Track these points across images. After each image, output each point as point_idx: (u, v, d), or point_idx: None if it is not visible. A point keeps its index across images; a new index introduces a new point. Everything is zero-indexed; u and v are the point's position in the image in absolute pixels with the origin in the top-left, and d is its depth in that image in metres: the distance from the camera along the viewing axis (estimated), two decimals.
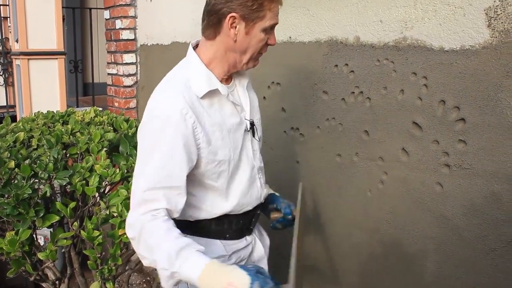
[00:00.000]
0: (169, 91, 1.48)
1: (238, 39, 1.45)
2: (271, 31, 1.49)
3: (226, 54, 1.49)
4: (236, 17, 1.41)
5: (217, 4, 1.44)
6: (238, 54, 1.49)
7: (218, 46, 1.49)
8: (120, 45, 3.83)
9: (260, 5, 1.41)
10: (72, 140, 2.28)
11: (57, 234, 2.11)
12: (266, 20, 1.44)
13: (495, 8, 1.59)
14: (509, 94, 1.58)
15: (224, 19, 1.43)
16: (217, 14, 1.44)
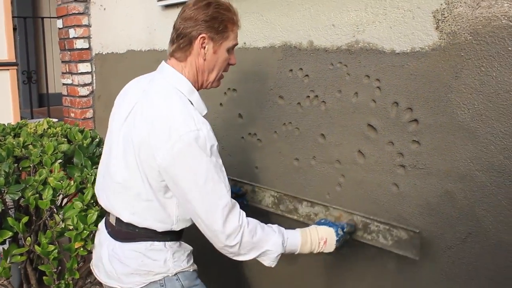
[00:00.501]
0: (185, 110, 1.57)
1: (207, 58, 1.64)
2: (232, 51, 1.71)
3: (197, 74, 1.68)
4: (206, 37, 1.61)
5: (186, 27, 1.61)
6: (207, 73, 1.68)
7: (190, 67, 1.66)
8: (75, 54, 3.76)
9: (225, 27, 1.62)
10: (24, 153, 2.23)
11: (11, 250, 2.05)
12: (230, 41, 1.66)
13: (442, 11, 1.63)
14: (459, 94, 1.62)
15: (195, 40, 1.61)
16: (188, 37, 1.62)
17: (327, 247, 1.74)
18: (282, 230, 1.69)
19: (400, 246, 1.76)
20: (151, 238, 1.67)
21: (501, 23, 1.50)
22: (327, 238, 1.73)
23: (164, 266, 1.66)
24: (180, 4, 2.75)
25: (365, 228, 1.85)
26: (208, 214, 1.53)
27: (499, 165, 1.55)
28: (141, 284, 1.66)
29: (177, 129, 1.50)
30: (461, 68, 1.60)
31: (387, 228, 1.79)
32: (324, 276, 2.18)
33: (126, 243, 1.68)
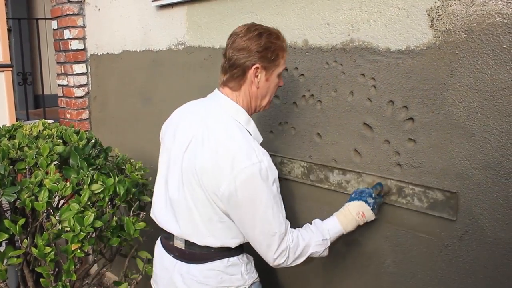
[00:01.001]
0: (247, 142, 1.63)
1: (260, 85, 1.71)
2: (281, 75, 1.78)
3: (250, 101, 1.75)
4: (259, 67, 1.67)
5: (240, 58, 1.66)
6: (260, 99, 1.76)
7: (244, 95, 1.73)
8: (70, 55, 3.74)
9: (276, 55, 1.69)
10: (19, 155, 2.22)
11: (7, 252, 2.04)
12: (280, 67, 1.74)
13: (437, 9, 1.63)
14: (454, 92, 1.62)
15: (249, 70, 1.67)
16: (242, 67, 1.67)
17: (367, 217, 1.79)
18: (320, 226, 1.76)
19: (436, 208, 1.72)
20: (225, 255, 1.75)
21: (496, 21, 1.50)
22: (362, 211, 1.77)
23: (241, 279, 1.77)
24: (174, 5, 2.75)
25: (400, 192, 1.82)
26: (265, 240, 1.63)
27: (495, 163, 1.55)
28: None
29: (240, 161, 1.57)
30: (456, 66, 1.60)
31: (422, 190, 1.75)
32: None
33: (203, 264, 1.75)
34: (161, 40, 2.93)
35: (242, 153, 1.58)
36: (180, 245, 1.78)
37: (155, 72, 3.02)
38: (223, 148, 1.60)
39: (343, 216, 1.78)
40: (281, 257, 1.65)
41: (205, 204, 1.67)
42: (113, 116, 3.54)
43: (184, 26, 2.73)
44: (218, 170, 1.59)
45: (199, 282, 1.75)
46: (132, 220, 2.12)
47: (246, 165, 1.56)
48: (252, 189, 1.58)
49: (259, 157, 1.59)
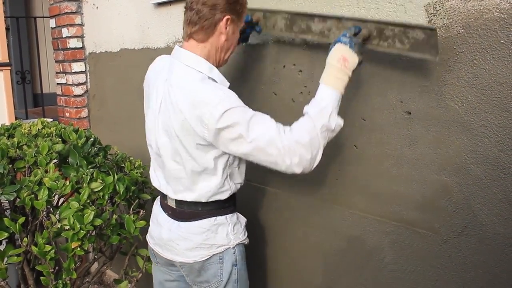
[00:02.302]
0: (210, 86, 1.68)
1: (228, 37, 1.76)
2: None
3: (215, 53, 1.77)
4: (229, 19, 1.72)
5: (211, 10, 1.70)
6: (224, 52, 1.80)
7: (210, 46, 1.75)
8: (68, 54, 3.74)
9: (243, 8, 1.77)
10: (19, 154, 2.22)
11: (7, 251, 2.05)
12: (242, 22, 1.81)
13: (434, 4, 1.62)
14: (452, 88, 1.62)
15: (220, 22, 1.71)
16: (212, 19, 1.71)
17: (351, 62, 1.66)
18: (311, 103, 1.70)
19: (417, 48, 1.61)
20: (213, 214, 1.83)
21: (493, 16, 1.50)
22: (341, 55, 1.65)
23: (226, 238, 1.84)
24: (172, 2, 2.75)
25: (380, 34, 1.70)
26: (271, 159, 1.65)
27: (493, 158, 1.56)
28: (205, 257, 1.83)
29: (209, 101, 1.61)
30: (454, 61, 1.60)
31: (402, 30, 1.63)
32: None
33: (191, 222, 1.84)
34: (160, 38, 2.92)
35: (208, 95, 1.63)
36: (172, 204, 1.88)
37: None
38: (190, 98, 1.65)
39: (326, 75, 1.69)
40: (294, 159, 1.63)
41: (188, 159, 1.74)
42: (112, 114, 3.54)
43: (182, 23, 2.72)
44: (193, 120, 1.64)
45: (183, 237, 1.84)
46: (132, 218, 2.13)
47: (216, 102, 1.60)
48: (230, 118, 1.60)
49: (226, 93, 1.65)
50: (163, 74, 1.80)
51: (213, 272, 1.85)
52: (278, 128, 1.65)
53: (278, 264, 2.38)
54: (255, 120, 1.64)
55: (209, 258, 1.83)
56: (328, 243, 2.12)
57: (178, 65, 1.75)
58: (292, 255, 2.29)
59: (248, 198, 2.44)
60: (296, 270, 2.28)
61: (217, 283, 1.86)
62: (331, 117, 1.65)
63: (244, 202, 2.30)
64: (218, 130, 1.62)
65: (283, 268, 2.35)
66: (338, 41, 1.67)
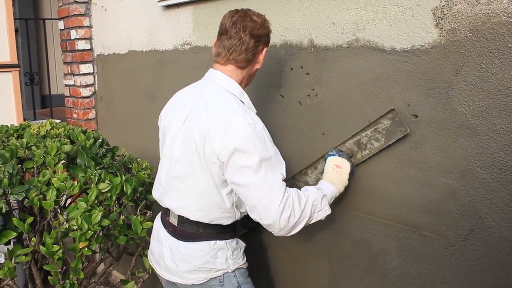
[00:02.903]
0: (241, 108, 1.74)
1: (260, 64, 1.86)
2: None
3: (248, 78, 1.88)
4: (266, 50, 1.85)
5: (256, 42, 1.79)
6: (252, 78, 1.92)
7: (246, 73, 1.85)
8: (76, 55, 3.76)
9: (269, 38, 1.87)
10: (27, 154, 2.24)
11: (15, 250, 2.06)
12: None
13: (442, 8, 1.63)
14: (460, 91, 1.62)
15: (261, 53, 1.84)
16: (255, 50, 1.81)
17: (344, 167, 1.89)
18: (313, 187, 1.83)
19: (391, 135, 1.81)
20: (213, 237, 1.84)
21: (501, 20, 1.50)
22: (334, 164, 1.89)
23: (225, 263, 1.84)
24: (180, 5, 2.76)
25: (359, 146, 1.91)
26: (265, 197, 1.67)
27: (500, 162, 1.56)
28: (203, 280, 1.84)
29: (236, 122, 1.66)
30: (461, 65, 1.61)
31: (372, 129, 1.85)
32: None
33: (191, 243, 1.84)
34: (167, 40, 2.94)
35: (237, 115, 1.68)
36: (173, 221, 1.89)
37: (161, 72, 3.04)
38: (219, 114, 1.70)
39: (326, 178, 1.88)
40: (286, 209, 1.67)
41: (201, 175, 1.76)
42: (119, 115, 3.56)
43: (190, 26, 2.74)
44: (216, 134, 1.68)
45: (184, 259, 1.84)
46: (139, 219, 2.13)
47: (242, 125, 1.65)
48: (250, 145, 1.64)
49: (254, 120, 1.70)
50: (193, 93, 1.86)
51: None
52: (282, 182, 1.70)
53: (283, 267, 2.38)
54: (270, 163, 1.68)
55: (208, 281, 1.84)
56: (334, 245, 2.12)
57: (212, 85, 1.82)
58: (297, 258, 2.29)
59: None
60: (302, 273, 2.29)
61: None
62: (323, 200, 1.77)
63: None
64: (233, 151, 1.65)
65: (288, 271, 2.36)
66: (326, 157, 1.92)
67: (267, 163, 1.66)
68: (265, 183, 1.66)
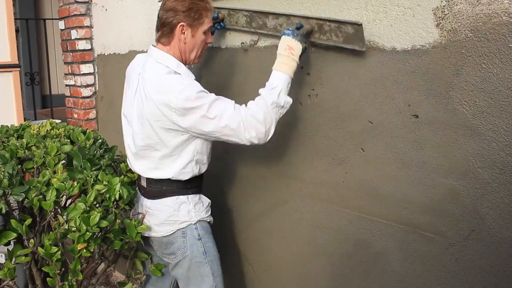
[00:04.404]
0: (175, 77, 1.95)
1: (187, 41, 2.01)
2: (208, 32, 2.07)
3: (180, 54, 2.04)
4: (184, 25, 1.98)
5: (168, 18, 1.97)
6: (188, 53, 2.04)
7: (174, 49, 2.02)
8: (77, 55, 3.76)
9: (200, 14, 1.98)
10: (27, 154, 2.23)
11: (15, 251, 2.06)
12: (205, 25, 2.02)
13: (442, 8, 1.62)
14: (460, 91, 1.61)
15: (176, 28, 1.98)
16: (169, 25, 1.98)
17: (296, 49, 1.93)
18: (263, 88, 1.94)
19: (348, 41, 1.87)
20: (176, 193, 2.09)
21: (502, 20, 1.49)
22: (287, 44, 1.93)
23: (187, 215, 2.09)
24: None
25: (320, 29, 1.95)
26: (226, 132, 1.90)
27: (501, 162, 1.55)
28: (170, 232, 2.09)
29: (174, 90, 1.87)
30: (462, 65, 1.60)
31: (336, 25, 1.89)
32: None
33: (157, 200, 2.11)
34: None
35: (172, 84, 1.89)
36: (143, 183, 2.16)
37: None
38: (159, 86, 1.91)
39: (277, 63, 1.95)
40: (251, 131, 1.89)
41: (157, 144, 1.99)
42: (120, 116, 3.55)
43: None
44: (163, 106, 1.89)
45: (152, 214, 2.11)
46: (133, 223, 2.11)
47: (180, 89, 1.86)
48: (194, 100, 1.86)
49: (189, 81, 1.93)
50: (137, 70, 2.08)
51: (177, 245, 2.10)
52: (235, 106, 1.90)
53: (284, 267, 2.38)
54: (216, 102, 1.88)
55: (174, 232, 2.08)
56: (334, 246, 2.12)
57: (150, 61, 2.02)
58: (298, 258, 2.29)
59: (254, 199, 2.45)
60: (303, 273, 2.28)
61: (181, 255, 2.10)
62: (280, 95, 1.89)
63: (250, 204, 2.31)
64: (183, 112, 1.86)
65: (289, 271, 2.35)
66: (282, 34, 1.95)
67: (214, 104, 1.87)
68: (222, 120, 1.87)
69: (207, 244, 2.12)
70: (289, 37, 1.92)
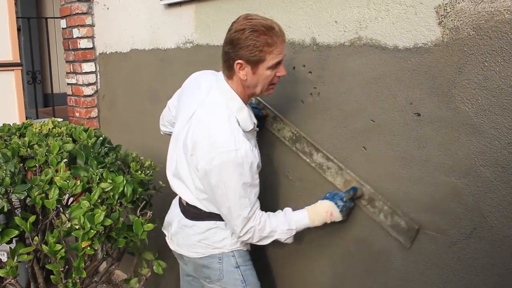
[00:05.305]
0: (229, 130, 1.79)
1: (248, 78, 1.80)
2: (278, 66, 1.80)
3: (244, 89, 1.87)
4: (242, 63, 1.76)
5: (228, 52, 1.79)
6: (252, 88, 1.85)
7: (236, 84, 1.86)
8: (79, 54, 3.77)
9: (259, 51, 1.73)
10: (29, 153, 2.23)
11: (17, 249, 2.06)
12: (268, 61, 1.76)
13: (445, 6, 1.62)
14: (462, 89, 1.61)
15: (234, 64, 1.78)
16: (229, 60, 1.80)
17: (335, 217, 1.93)
18: (289, 216, 1.95)
19: (397, 229, 1.85)
20: (214, 218, 1.98)
21: (504, 18, 1.49)
22: (331, 211, 1.91)
23: (222, 242, 2.00)
24: (182, 3, 2.76)
25: (371, 201, 1.93)
26: (232, 219, 1.86)
27: (503, 160, 1.55)
28: (202, 255, 2.01)
29: (218, 146, 1.76)
30: (464, 63, 1.60)
31: (390, 211, 1.86)
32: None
33: (194, 221, 2.02)
34: (170, 39, 2.94)
35: (221, 138, 1.77)
36: (183, 201, 2.07)
37: (164, 71, 3.04)
38: (207, 131, 1.80)
39: (312, 212, 1.94)
40: (246, 235, 1.88)
41: (195, 176, 1.90)
42: (122, 114, 3.56)
43: (192, 24, 2.74)
44: (199, 150, 1.80)
45: (187, 234, 2.04)
46: (141, 220, 2.11)
47: (222, 151, 1.75)
48: (224, 174, 1.77)
49: (237, 145, 1.75)
50: (202, 94, 1.93)
51: (213, 271, 2.02)
52: (250, 211, 1.84)
53: (285, 267, 2.38)
54: (244, 188, 1.80)
55: (207, 256, 2.01)
56: (336, 245, 2.12)
57: (216, 93, 1.89)
58: (299, 257, 2.29)
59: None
60: (303, 272, 2.28)
61: (217, 280, 2.03)
62: (288, 238, 1.94)
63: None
64: (208, 172, 1.79)
65: (290, 271, 2.35)
66: (334, 200, 1.93)
67: (236, 193, 1.79)
68: (231, 210, 1.83)
69: (246, 272, 2.04)
70: (337, 208, 1.92)
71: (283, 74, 1.84)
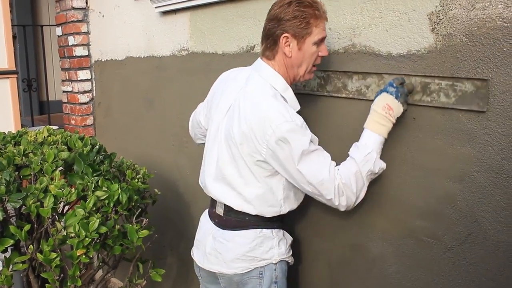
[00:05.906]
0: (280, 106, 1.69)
1: (293, 55, 1.73)
2: (321, 43, 1.76)
3: (287, 70, 1.78)
4: (288, 36, 1.70)
5: (271, 28, 1.73)
6: (296, 68, 1.77)
7: (279, 64, 1.78)
8: (74, 61, 3.77)
9: (307, 23, 1.68)
10: (25, 161, 2.23)
11: (12, 258, 2.06)
12: (315, 35, 1.71)
13: (437, 13, 1.63)
14: None
15: (279, 40, 1.72)
16: (273, 37, 1.73)
17: (395, 109, 1.69)
18: (357, 147, 1.74)
19: (464, 101, 1.61)
20: (260, 225, 1.83)
21: (496, 25, 1.50)
22: (386, 103, 1.68)
23: (269, 252, 1.84)
24: (177, 11, 2.77)
25: (424, 89, 1.70)
26: (318, 193, 1.70)
27: (497, 166, 1.56)
28: (246, 270, 1.83)
29: (273, 120, 1.64)
30: (457, 70, 1.61)
31: (449, 83, 1.63)
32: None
33: (236, 231, 1.85)
34: (165, 46, 2.94)
35: (274, 113, 1.66)
36: (220, 211, 1.89)
37: (159, 78, 3.04)
38: (258, 113, 1.69)
39: (371, 121, 1.73)
40: (342, 199, 1.70)
41: (245, 170, 1.77)
42: (117, 121, 3.56)
43: (187, 32, 2.74)
44: (255, 135, 1.68)
45: (228, 247, 1.85)
46: (135, 227, 2.11)
47: (280, 122, 1.64)
48: (290, 143, 1.64)
49: (293, 117, 1.66)
50: (240, 83, 1.84)
51: (251, 287, 1.85)
52: (330, 169, 1.68)
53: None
54: (311, 156, 1.67)
55: (250, 271, 1.83)
56: (332, 251, 2.11)
57: (256, 77, 1.80)
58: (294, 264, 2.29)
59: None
60: (299, 279, 2.28)
61: None
62: (375, 162, 1.71)
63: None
64: (274, 148, 1.66)
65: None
66: (384, 90, 1.70)
67: (308, 157, 1.66)
68: (312, 180, 1.67)
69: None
70: (391, 96, 1.67)
71: (325, 54, 1.79)
